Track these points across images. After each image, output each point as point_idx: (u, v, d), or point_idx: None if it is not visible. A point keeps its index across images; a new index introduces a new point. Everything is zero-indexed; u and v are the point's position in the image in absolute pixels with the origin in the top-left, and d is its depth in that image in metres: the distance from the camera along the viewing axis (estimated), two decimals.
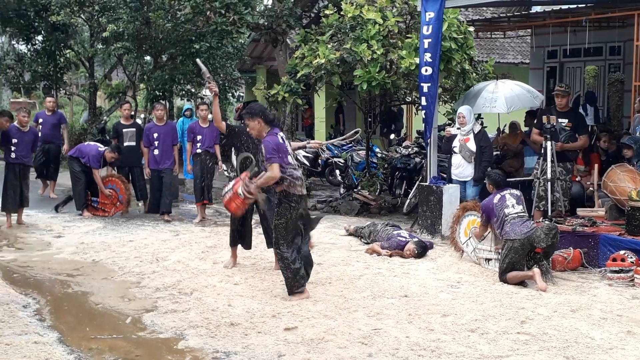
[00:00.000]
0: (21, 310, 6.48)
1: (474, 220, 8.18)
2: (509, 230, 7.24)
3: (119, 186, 11.54)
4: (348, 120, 23.09)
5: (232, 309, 6.44)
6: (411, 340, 5.60)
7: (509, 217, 7.32)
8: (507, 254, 7.20)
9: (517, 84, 11.27)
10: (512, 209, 7.36)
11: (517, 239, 7.15)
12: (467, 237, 8.24)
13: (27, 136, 10.81)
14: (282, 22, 12.61)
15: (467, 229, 8.30)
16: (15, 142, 10.60)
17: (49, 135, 13.20)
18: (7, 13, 18.49)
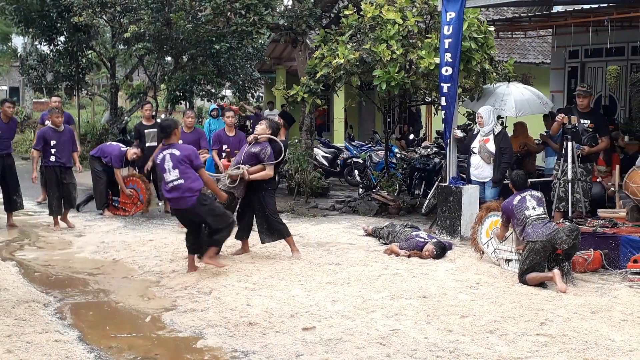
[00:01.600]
0: (42, 308, 6.55)
1: (497, 221, 8.13)
2: (530, 232, 7.19)
3: (139, 186, 11.52)
4: (367, 120, 23.11)
5: (251, 308, 6.47)
6: (429, 341, 5.58)
7: (529, 219, 7.27)
8: (528, 255, 7.16)
9: (527, 88, 11.22)
10: (533, 211, 7.31)
11: (538, 241, 7.11)
12: (488, 237, 8.19)
13: (64, 136, 10.63)
14: (302, 22, 12.61)
15: (489, 229, 8.25)
16: (53, 143, 10.44)
17: None
18: (30, 14, 18.71)
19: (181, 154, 7.46)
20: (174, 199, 7.54)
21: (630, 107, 14.57)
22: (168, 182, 7.48)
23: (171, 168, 7.43)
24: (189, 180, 7.43)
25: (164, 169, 7.48)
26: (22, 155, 22.12)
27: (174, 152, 7.47)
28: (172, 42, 16.33)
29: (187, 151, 7.56)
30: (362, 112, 23.04)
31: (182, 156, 7.45)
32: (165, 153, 7.52)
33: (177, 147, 7.57)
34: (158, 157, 7.67)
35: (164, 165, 7.49)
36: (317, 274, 7.67)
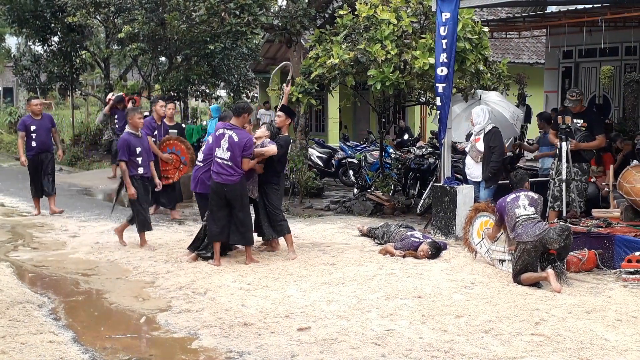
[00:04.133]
0: (36, 309, 6.53)
1: (487, 221, 8.14)
2: (521, 232, 7.20)
3: (178, 148, 10.98)
4: (361, 120, 23.12)
5: (246, 308, 6.46)
6: (424, 341, 5.59)
7: (519, 218, 7.27)
8: (520, 255, 7.17)
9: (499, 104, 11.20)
10: (523, 210, 7.31)
11: (529, 241, 7.11)
12: (480, 238, 8.21)
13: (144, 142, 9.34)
14: (297, 22, 12.61)
15: (479, 229, 8.26)
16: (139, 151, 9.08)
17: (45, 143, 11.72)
18: (24, 14, 18.68)
19: (239, 140, 7.93)
20: (218, 172, 8.00)
21: (624, 107, 14.62)
22: (218, 157, 8.00)
23: (225, 149, 7.95)
24: (236, 164, 7.95)
25: (219, 144, 7.97)
26: (15, 156, 22.08)
27: (233, 135, 7.94)
28: (166, 43, 16.33)
29: (244, 141, 7.96)
30: (357, 113, 23.07)
31: (236, 144, 7.93)
32: (226, 132, 7.99)
33: (238, 132, 7.99)
34: (218, 130, 8.08)
35: (220, 141, 7.98)
36: (312, 274, 7.67)
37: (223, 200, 8.04)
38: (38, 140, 11.46)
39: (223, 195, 8.02)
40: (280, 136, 8.61)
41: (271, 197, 8.54)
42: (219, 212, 8.08)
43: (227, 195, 8.01)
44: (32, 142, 11.44)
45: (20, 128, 11.65)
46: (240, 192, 8.06)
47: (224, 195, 8.01)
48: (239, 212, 8.07)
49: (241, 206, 8.09)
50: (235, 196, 8.02)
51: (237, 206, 8.07)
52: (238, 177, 7.98)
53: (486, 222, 8.15)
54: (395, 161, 13.73)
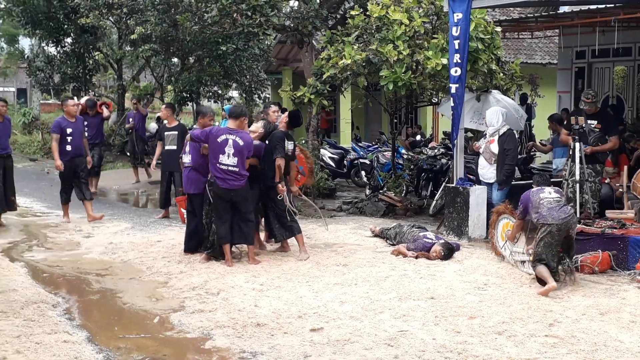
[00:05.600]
0: (51, 309, 6.57)
1: (507, 223, 8.10)
2: (546, 215, 7.10)
3: (297, 157, 9.95)
4: (374, 121, 23.11)
5: (259, 309, 6.48)
6: (438, 343, 5.58)
7: (544, 201, 7.21)
8: (543, 237, 7.04)
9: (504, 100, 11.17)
10: (548, 195, 7.30)
11: (554, 224, 7.01)
12: (504, 241, 8.16)
13: None
14: (308, 23, 12.61)
15: (502, 232, 8.22)
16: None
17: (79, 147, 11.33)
18: (37, 16, 18.79)
19: (244, 144, 7.98)
20: (223, 179, 7.97)
21: (637, 107, 14.54)
22: (223, 164, 7.97)
23: (232, 154, 7.95)
24: (242, 168, 8.00)
25: (223, 151, 7.95)
26: (30, 157, 22.22)
27: (238, 140, 7.95)
28: (178, 44, 16.37)
29: (249, 143, 8.06)
30: (369, 113, 23.04)
31: (243, 147, 7.97)
32: (229, 137, 7.96)
33: (242, 136, 8.01)
34: (219, 136, 8.00)
35: (224, 147, 7.94)
36: (324, 275, 7.68)
37: (229, 204, 8.10)
38: (73, 143, 10.91)
39: (229, 199, 8.07)
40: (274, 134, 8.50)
41: (277, 199, 8.52)
42: (225, 215, 8.12)
43: (234, 199, 8.08)
44: (67, 146, 10.88)
45: (55, 130, 11.00)
46: (245, 194, 8.13)
47: (230, 199, 8.07)
48: (244, 213, 8.14)
49: (247, 207, 8.17)
50: (242, 199, 8.10)
51: (243, 207, 8.14)
52: (244, 180, 8.05)
53: (507, 225, 8.10)
54: (408, 162, 13.71)
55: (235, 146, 7.94)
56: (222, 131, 8.13)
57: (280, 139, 8.39)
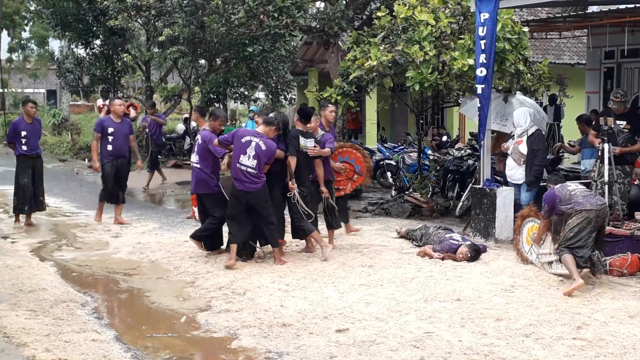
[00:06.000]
0: (79, 308, 6.65)
1: (532, 226, 8.00)
2: (583, 201, 7.02)
3: (353, 156, 10.00)
4: (399, 122, 23.05)
5: (284, 309, 6.50)
6: (464, 345, 5.56)
7: (576, 191, 7.16)
8: (579, 223, 6.95)
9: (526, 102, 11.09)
10: (577, 186, 7.27)
11: (593, 209, 6.95)
12: (529, 245, 8.03)
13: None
14: (334, 24, 12.63)
15: (527, 237, 8.11)
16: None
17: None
18: (67, 18, 19.03)
19: (265, 149, 8.01)
20: (240, 180, 8.01)
21: None
22: (242, 164, 7.98)
23: (252, 156, 7.97)
24: (260, 172, 8.03)
25: (245, 151, 7.97)
26: (59, 157, 22.52)
27: (261, 144, 7.99)
28: (205, 45, 16.50)
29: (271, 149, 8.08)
30: (395, 114, 22.98)
31: (264, 152, 8.00)
32: (253, 140, 8.01)
33: (266, 141, 8.04)
34: (244, 137, 8.05)
35: (246, 148, 7.98)
36: (350, 276, 7.68)
37: (244, 206, 8.12)
38: (115, 144, 10.78)
39: (245, 201, 8.09)
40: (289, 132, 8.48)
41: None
42: (238, 216, 8.15)
43: (250, 202, 8.09)
44: (108, 146, 10.77)
45: (97, 129, 10.91)
46: (263, 197, 8.11)
47: (246, 201, 8.09)
48: (264, 215, 8.13)
49: (265, 209, 8.15)
50: (259, 201, 8.10)
51: (261, 210, 8.13)
52: (261, 184, 8.05)
53: (532, 228, 7.99)
54: (434, 163, 13.65)
55: (257, 149, 7.97)
56: (248, 133, 8.18)
57: (293, 138, 8.39)
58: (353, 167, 9.89)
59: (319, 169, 8.80)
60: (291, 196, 8.36)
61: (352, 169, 9.90)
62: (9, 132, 11.02)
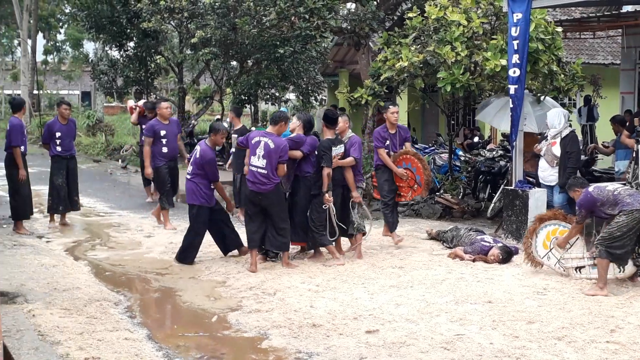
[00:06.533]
0: (113, 307, 6.73)
1: (555, 229, 7.73)
2: (631, 201, 6.88)
3: (415, 165, 9.46)
4: (430, 123, 22.95)
5: (314, 310, 6.52)
6: (495, 347, 5.52)
7: (619, 190, 7.02)
8: (628, 222, 6.82)
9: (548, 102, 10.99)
10: (616, 186, 7.11)
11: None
12: (547, 249, 7.75)
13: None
14: (365, 25, 12.63)
15: (545, 240, 7.80)
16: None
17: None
18: (101, 20, 19.25)
19: (274, 147, 7.91)
20: (252, 181, 8.00)
21: None
22: (253, 165, 7.99)
23: (261, 156, 7.92)
24: (272, 172, 7.93)
25: (255, 152, 7.97)
26: (93, 158, 22.81)
27: (269, 142, 7.94)
28: (237, 47, 16.58)
29: (280, 147, 7.98)
30: (425, 115, 22.89)
31: (273, 150, 7.91)
32: (262, 140, 7.99)
33: (274, 139, 7.99)
34: (254, 138, 8.07)
35: (255, 149, 7.97)
36: (380, 277, 7.68)
37: (258, 207, 8.07)
38: (169, 146, 10.78)
39: (258, 203, 8.04)
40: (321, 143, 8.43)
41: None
42: (256, 219, 8.10)
43: (262, 203, 8.02)
44: (162, 149, 10.72)
45: (148, 134, 10.79)
46: (276, 199, 8.04)
47: (259, 203, 8.04)
48: (275, 219, 8.07)
49: (278, 212, 8.08)
50: (271, 203, 8.02)
51: (274, 213, 8.07)
52: (272, 185, 7.96)
53: (554, 231, 7.72)
54: (465, 164, 13.56)
55: (266, 148, 7.90)
56: (258, 134, 8.16)
57: (326, 149, 8.27)
58: (414, 176, 9.42)
59: (349, 175, 8.59)
60: (326, 208, 8.29)
61: (413, 178, 9.42)
62: (44, 133, 11.19)
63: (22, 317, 6.11)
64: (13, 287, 7.04)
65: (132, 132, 26.40)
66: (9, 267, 7.85)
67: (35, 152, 19.87)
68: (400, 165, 9.37)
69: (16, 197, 10.18)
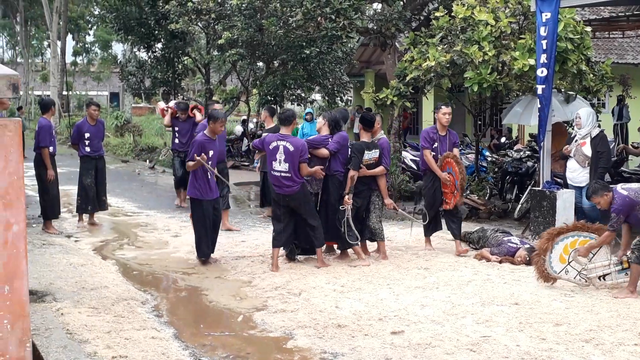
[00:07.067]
0: (140, 306, 6.79)
1: (575, 241, 7.31)
2: None
3: (454, 169, 8.89)
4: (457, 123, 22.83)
5: (339, 310, 6.52)
6: (522, 349, 5.47)
7: None
8: None
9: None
10: None
11: None
12: (564, 263, 7.30)
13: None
14: (391, 25, 12.59)
15: (562, 254, 7.32)
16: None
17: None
18: (129, 22, 19.46)
19: (294, 149, 7.90)
20: (278, 185, 8.01)
21: None
22: (276, 170, 7.98)
23: (283, 160, 7.94)
24: (295, 173, 7.93)
25: (275, 158, 7.95)
26: (121, 158, 23.06)
27: (288, 145, 7.93)
28: (263, 48, 16.64)
29: (299, 148, 7.95)
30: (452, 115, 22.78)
31: (294, 152, 7.90)
32: (280, 144, 7.97)
33: (292, 141, 8.00)
34: (271, 144, 8.04)
35: (275, 154, 7.95)
36: (405, 278, 7.66)
37: (285, 208, 8.09)
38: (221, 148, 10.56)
39: (286, 205, 8.06)
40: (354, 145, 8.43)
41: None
42: (282, 220, 8.12)
43: (291, 205, 8.05)
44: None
45: None
46: (303, 199, 8.06)
47: (287, 205, 8.06)
48: (306, 217, 8.09)
49: (307, 211, 8.10)
50: (299, 204, 8.05)
51: (303, 212, 8.09)
52: (298, 186, 7.97)
53: (574, 243, 7.29)
54: (492, 164, 13.46)
55: (286, 152, 7.90)
56: (273, 138, 8.10)
57: (358, 152, 8.28)
58: (454, 180, 8.88)
59: (382, 182, 8.54)
60: (344, 209, 8.27)
61: (454, 182, 8.89)
62: (73, 133, 11.33)
63: (50, 315, 6.19)
64: (42, 286, 7.14)
65: (159, 133, 26.65)
66: (38, 266, 7.96)
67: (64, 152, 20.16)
68: (444, 170, 8.91)
69: (45, 197, 10.33)
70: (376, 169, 8.48)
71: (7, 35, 54.74)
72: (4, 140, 3.79)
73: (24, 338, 3.92)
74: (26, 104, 42.18)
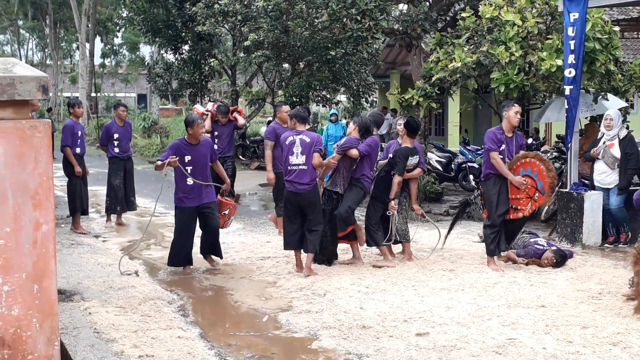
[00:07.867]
0: (166, 305, 6.84)
1: None
2: None
3: (536, 168, 8.11)
4: (483, 124, 22.70)
5: (364, 311, 6.52)
6: (548, 352, 5.43)
7: None
8: None
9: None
10: None
11: None
12: None
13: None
14: (417, 26, 12.56)
15: None
16: None
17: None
18: (157, 24, 19.64)
19: (310, 140, 7.98)
20: (291, 181, 8.00)
21: None
22: (293, 164, 7.98)
23: (300, 153, 7.96)
24: (311, 167, 7.95)
25: (292, 152, 7.98)
26: (149, 159, 23.24)
27: (304, 138, 8.00)
28: (289, 49, 16.70)
29: (314, 139, 8.02)
30: (478, 116, 22.66)
31: (310, 143, 7.96)
32: (296, 138, 8.04)
33: (307, 134, 8.06)
34: (287, 139, 8.09)
35: (292, 148, 7.99)
36: (430, 280, 7.63)
37: (297, 208, 8.07)
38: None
39: (297, 204, 8.04)
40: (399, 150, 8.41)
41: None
42: (295, 221, 8.09)
43: (301, 204, 8.02)
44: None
45: (269, 136, 10.11)
46: (313, 200, 8.02)
47: (297, 204, 8.03)
48: (310, 218, 8.03)
49: (314, 214, 8.05)
50: (308, 204, 8.00)
51: (309, 213, 8.04)
52: (310, 185, 7.96)
53: None
54: None
55: (303, 144, 7.96)
56: (290, 133, 8.18)
57: (403, 157, 8.26)
58: (535, 182, 8.04)
59: (413, 186, 8.58)
60: (390, 215, 8.31)
61: (535, 185, 8.05)
62: (101, 134, 11.48)
63: (78, 314, 6.27)
64: (70, 285, 7.23)
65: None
66: (66, 265, 8.06)
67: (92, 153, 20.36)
68: (517, 173, 8.13)
69: (73, 194, 10.53)
70: (414, 171, 8.51)
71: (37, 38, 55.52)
72: (34, 141, 3.84)
73: (52, 337, 3.97)
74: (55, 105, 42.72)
